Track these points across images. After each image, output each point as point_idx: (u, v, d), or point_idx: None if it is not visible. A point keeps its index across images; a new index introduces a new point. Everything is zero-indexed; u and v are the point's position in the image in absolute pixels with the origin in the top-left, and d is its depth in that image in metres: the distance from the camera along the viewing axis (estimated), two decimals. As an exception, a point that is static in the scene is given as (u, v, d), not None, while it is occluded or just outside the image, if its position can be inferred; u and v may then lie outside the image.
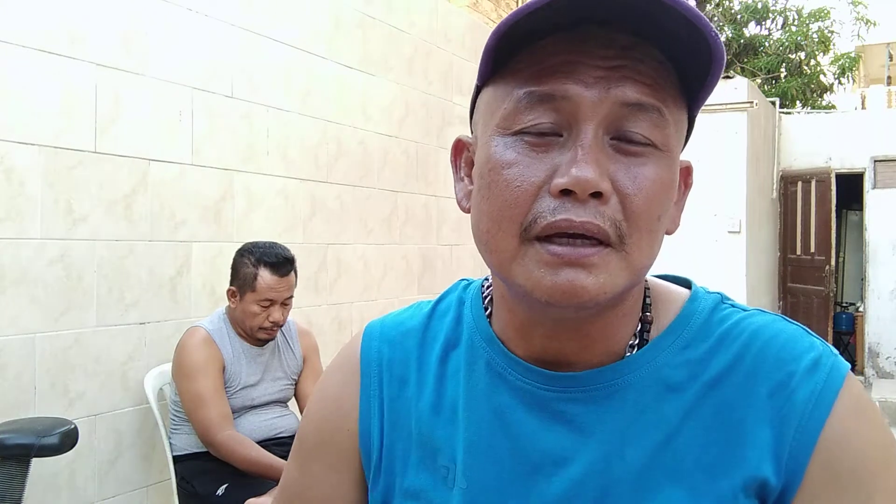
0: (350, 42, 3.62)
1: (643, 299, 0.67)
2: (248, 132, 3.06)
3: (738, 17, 10.45)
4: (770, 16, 10.48)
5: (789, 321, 0.65)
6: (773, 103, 7.69)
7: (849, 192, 8.17)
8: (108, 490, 2.52)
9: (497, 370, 0.67)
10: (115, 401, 2.55)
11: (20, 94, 2.26)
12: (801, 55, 10.21)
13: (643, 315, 0.66)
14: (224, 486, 2.36)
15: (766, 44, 10.31)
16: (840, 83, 10.56)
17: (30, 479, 1.96)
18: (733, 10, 10.56)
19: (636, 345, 0.64)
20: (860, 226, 8.28)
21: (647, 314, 0.66)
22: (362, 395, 0.72)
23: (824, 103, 10.65)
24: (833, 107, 10.83)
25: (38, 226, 2.31)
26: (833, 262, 7.60)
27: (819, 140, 7.83)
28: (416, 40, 4.12)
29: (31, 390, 2.30)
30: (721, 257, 6.06)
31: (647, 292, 0.67)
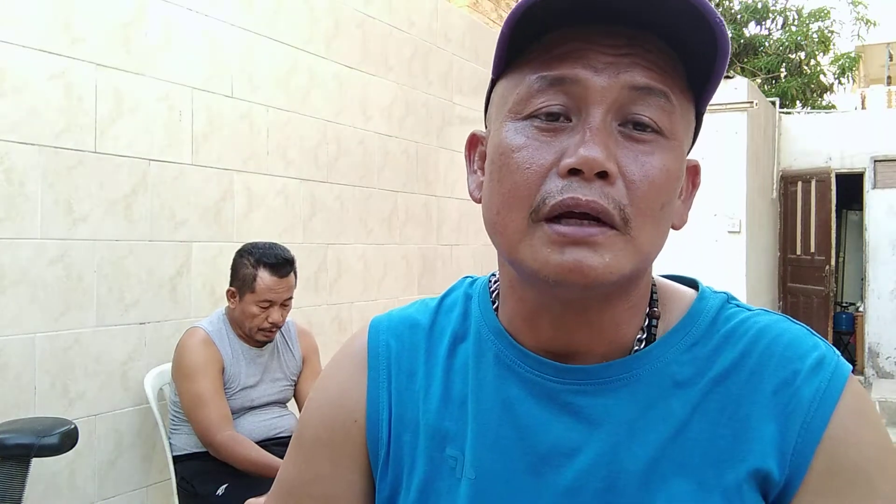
0: (350, 42, 3.62)
1: (650, 295, 0.67)
2: (248, 132, 3.07)
3: (738, 17, 10.45)
4: (770, 16, 10.48)
5: (793, 321, 0.66)
6: (773, 103, 7.69)
7: (849, 192, 8.17)
8: (108, 490, 2.52)
9: (505, 362, 0.67)
10: (115, 401, 2.55)
11: (20, 94, 2.26)
12: (801, 55, 10.21)
13: (650, 310, 0.67)
14: (224, 486, 2.36)
15: (766, 44, 10.31)
16: (840, 83, 10.56)
17: (30, 479, 1.95)
18: (733, 10, 10.55)
19: (644, 339, 0.66)
20: (860, 226, 8.28)
21: (655, 309, 0.67)
22: (370, 386, 0.72)
23: (824, 103, 10.65)
24: (833, 107, 10.82)
25: (38, 226, 2.31)
26: (833, 262, 7.60)
27: (819, 140, 7.83)
28: (416, 40, 4.12)
29: (31, 390, 2.30)
30: (721, 257, 6.06)
31: (654, 289, 0.68)
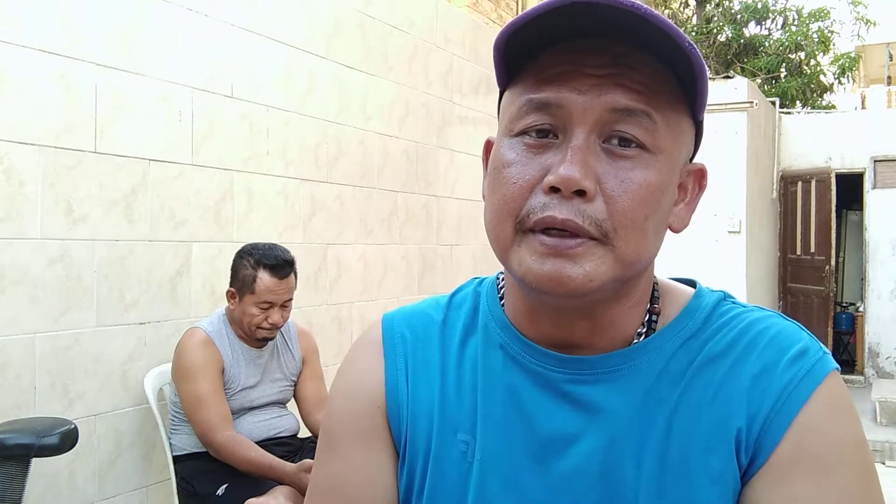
0: (350, 42, 3.63)
1: (652, 293, 0.71)
2: (248, 132, 3.07)
3: (738, 17, 10.45)
4: (770, 16, 10.47)
5: (785, 318, 0.70)
6: (773, 103, 7.69)
7: (849, 192, 8.17)
8: (108, 490, 2.52)
9: (510, 353, 0.71)
10: (115, 401, 2.55)
11: (20, 94, 2.26)
12: (801, 55, 10.20)
13: (651, 307, 0.70)
14: (224, 486, 2.36)
15: (766, 44, 10.30)
16: (840, 83, 10.56)
17: (30, 479, 1.95)
18: (733, 10, 10.55)
19: (644, 333, 0.69)
20: (860, 226, 8.28)
21: (656, 306, 0.71)
22: (388, 372, 0.75)
23: (824, 103, 10.64)
24: (833, 107, 10.82)
25: (38, 226, 2.31)
26: (833, 262, 7.60)
27: (819, 140, 7.83)
28: (416, 40, 4.12)
29: (31, 390, 2.30)
30: (721, 257, 6.06)
31: (656, 288, 0.72)
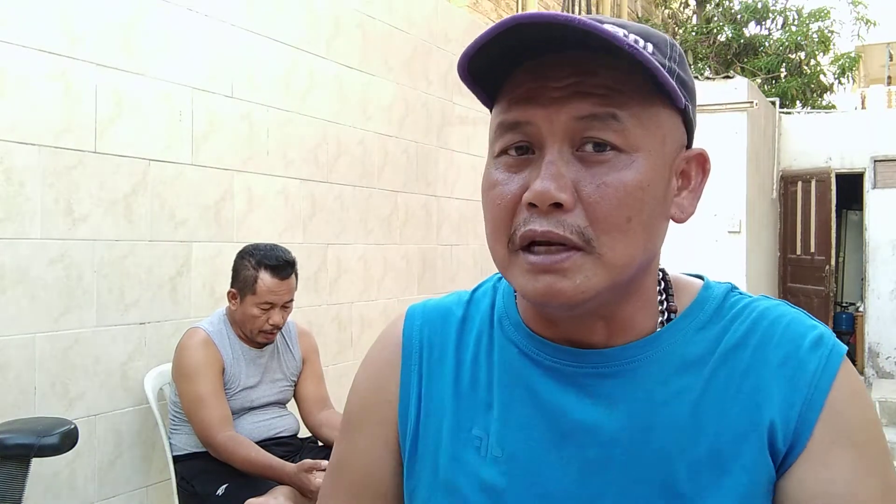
0: (350, 42, 3.62)
1: (666, 290, 0.73)
2: (248, 132, 3.07)
3: (738, 17, 10.44)
4: (770, 16, 10.46)
5: (791, 305, 0.72)
6: (773, 103, 7.68)
7: (849, 192, 8.16)
8: (108, 490, 2.52)
9: (526, 352, 0.72)
10: (115, 401, 2.55)
11: (20, 94, 2.26)
12: (801, 55, 10.19)
13: (668, 305, 0.72)
14: (224, 486, 2.35)
15: (766, 44, 10.29)
16: (840, 83, 10.54)
17: (30, 479, 1.95)
18: (733, 10, 10.54)
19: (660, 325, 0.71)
20: (860, 226, 8.28)
21: (672, 304, 0.72)
22: (403, 368, 0.77)
23: (824, 103, 10.64)
24: (833, 107, 10.81)
25: (38, 226, 2.31)
26: (833, 262, 7.60)
27: (819, 140, 7.82)
28: (416, 40, 4.12)
29: (31, 390, 2.30)
30: (721, 257, 6.06)
31: (668, 282, 0.74)
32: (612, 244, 0.62)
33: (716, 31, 10.25)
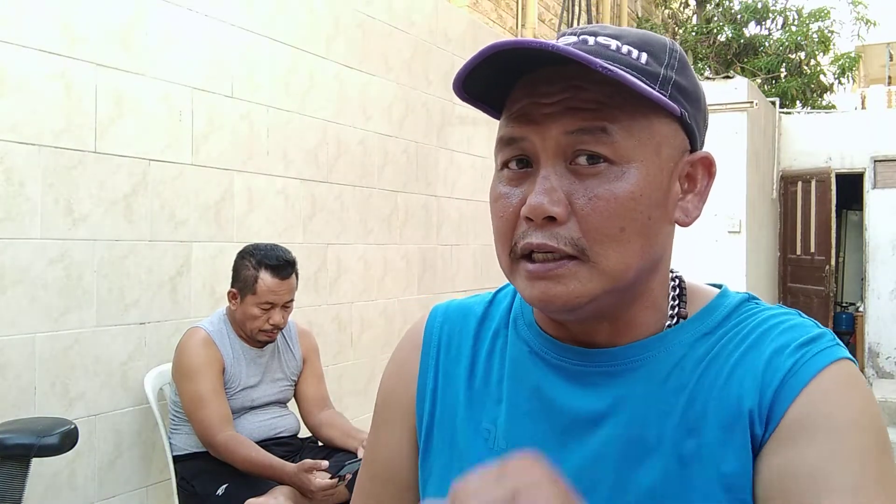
0: (350, 42, 3.62)
1: (679, 296, 0.75)
2: (248, 132, 3.07)
3: (738, 17, 10.44)
4: (770, 16, 10.46)
5: (803, 315, 0.72)
6: (773, 103, 7.68)
7: (849, 192, 8.16)
8: (108, 490, 2.52)
9: (535, 350, 0.75)
10: (115, 401, 2.55)
11: (20, 94, 2.26)
12: (801, 55, 10.18)
13: (679, 310, 0.73)
14: (224, 486, 2.36)
15: (766, 44, 10.29)
16: (840, 83, 10.54)
17: (30, 479, 1.95)
18: (733, 10, 10.54)
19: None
20: (860, 226, 8.28)
21: (682, 309, 0.73)
22: (421, 363, 0.82)
23: (824, 103, 10.63)
24: (833, 107, 10.81)
25: (38, 226, 2.31)
26: (833, 262, 7.60)
27: (819, 140, 7.82)
28: (416, 40, 4.12)
29: (31, 390, 2.30)
30: (721, 257, 6.06)
31: (683, 289, 0.75)
32: (605, 253, 0.64)
33: (716, 31, 10.25)
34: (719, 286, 0.77)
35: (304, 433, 2.73)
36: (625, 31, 0.68)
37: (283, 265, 2.48)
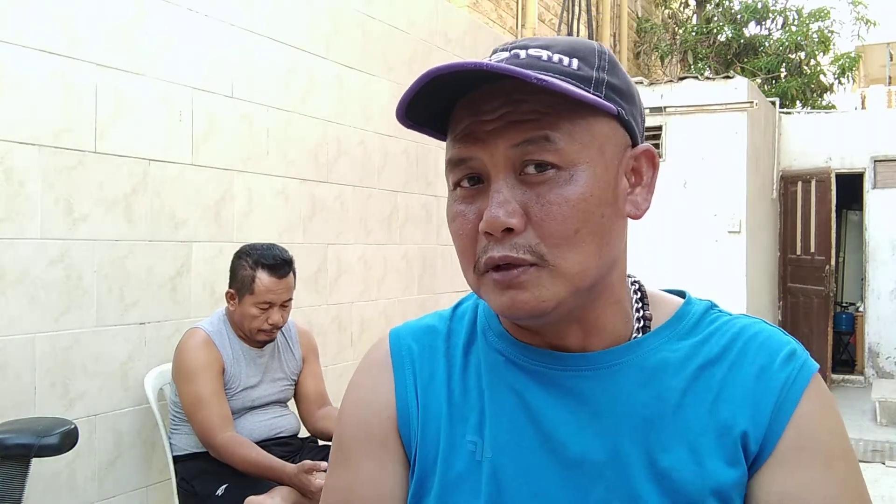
0: (350, 42, 3.63)
1: (642, 298, 0.77)
2: (248, 132, 3.07)
3: (738, 17, 10.43)
4: (770, 16, 10.45)
5: (768, 323, 0.77)
6: (773, 103, 7.68)
7: (849, 192, 8.16)
8: (108, 490, 2.52)
9: (510, 358, 0.76)
10: (115, 401, 2.55)
11: (20, 94, 2.26)
12: (801, 55, 10.18)
13: (644, 312, 0.76)
14: (224, 486, 2.36)
15: (766, 44, 10.28)
16: (840, 83, 10.53)
17: (30, 479, 1.95)
18: (733, 10, 10.54)
19: (639, 335, 0.75)
20: (860, 226, 8.28)
21: (647, 311, 0.76)
22: (397, 383, 0.79)
23: (824, 103, 10.63)
24: (833, 107, 10.81)
25: (38, 226, 2.31)
26: (833, 262, 7.59)
27: (819, 140, 7.82)
28: (416, 40, 4.12)
29: (31, 390, 2.30)
30: (721, 257, 6.05)
31: (644, 292, 0.78)
32: (563, 255, 0.66)
33: (716, 31, 10.25)
34: (680, 293, 0.81)
35: (305, 433, 2.73)
36: (554, 40, 0.70)
37: (280, 264, 2.48)
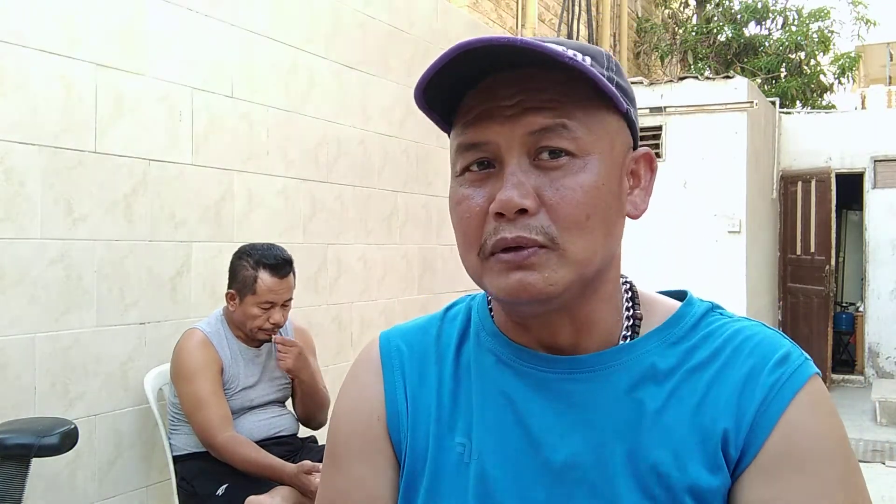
0: (350, 42, 3.63)
1: (632, 298, 0.76)
2: (248, 132, 3.07)
3: (738, 17, 10.43)
4: (770, 16, 10.44)
5: (770, 327, 0.75)
6: (773, 103, 7.68)
7: (849, 192, 8.16)
8: (108, 490, 2.52)
9: (502, 359, 0.76)
10: (115, 401, 2.55)
11: (20, 94, 2.26)
12: (801, 55, 10.18)
13: (633, 311, 0.75)
14: (224, 486, 2.36)
15: (766, 44, 10.28)
16: (840, 83, 10.53)
17: (30, 479, 1.95)
18: (733, 10, 10.54)
19: (629, 336, 0.74)
20: (860, 226, 8.28)
21: (637, 311, 0.76)
22: (387, 385, 0.79)
23: (824, 103, 10.63)
24: (833, 107, 10.80)
25: (38, 226, 2.31)
26: (833, 262, 7.60)
27: (819, 140, 7.82)
28: (416, 40, 4.12)
29: (31, 390, 2.30)
30: (721, 257, 6.05)
31: (635, 293, 0.77)
32: (573, 240, 0.67)
33: (716, 31, 10.25)
34: (680, 293, 0.79)
35: (304, 433, 2.73)
36: (566, 40, 0.71)
37: (281, 264, 2.48)
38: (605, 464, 0.70)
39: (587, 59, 0.69)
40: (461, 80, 0.68)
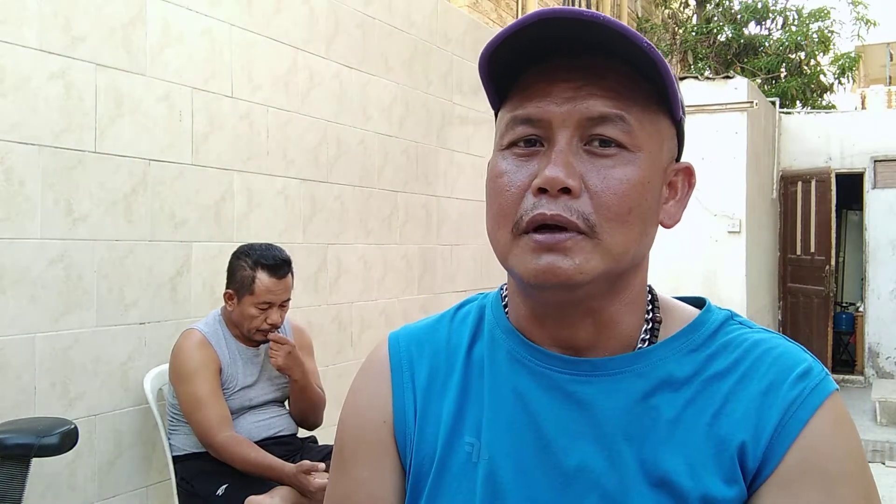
0: (350, 42, 3.63)
1: (652, 301, 0.75)
2: (248, 132, 3.06)
3: (738, 17, 10.43)
4: (770, 16, 10.45)
5: (789, 339, 0.73)
6: (773, 103, 7.68)
7: (849, 192, 8.16)
8: (108, 490, 2.52)
9: (516, 357, 0.74)
10: (115, 401, 2.55)
11: (20, 94, 2.26)
12: (801, 55, 10.18)
13: (653, 315, 0.74)
14: (224, 486, 2.36)
15: (766, 44, 10.29)
16: (840, 83, 10.54)
17: (30, 479, 1.95)
18: (733, 10, 10.54)
19: (647, 340, 0.73)
20: (860, 226, 8.28)
21: (657, 315, 0.74)
22: (395, 388, 0.78)
23: (824, 103, 10.63)
24: (833, 107, 10.81)
25: (38, 226, 2.31)
26: (833, 262, 7.60)
27: (819, 140, 7.83)
28: (416, 40, 4.12)
29: (31, 390, 2.30)
30: (721, 257, 6.06)
31: (655, 298, 0.76)
32: (612, 231, 0.66)
33: (716, 31, 10.25)
34: (698, 300, 0.78)
35: (304, 432, 2.73)
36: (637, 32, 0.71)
37: (279, 264, 2.48)
38: (618, 470, 0.68)
39: None
40: (520, 59, 0.68)
